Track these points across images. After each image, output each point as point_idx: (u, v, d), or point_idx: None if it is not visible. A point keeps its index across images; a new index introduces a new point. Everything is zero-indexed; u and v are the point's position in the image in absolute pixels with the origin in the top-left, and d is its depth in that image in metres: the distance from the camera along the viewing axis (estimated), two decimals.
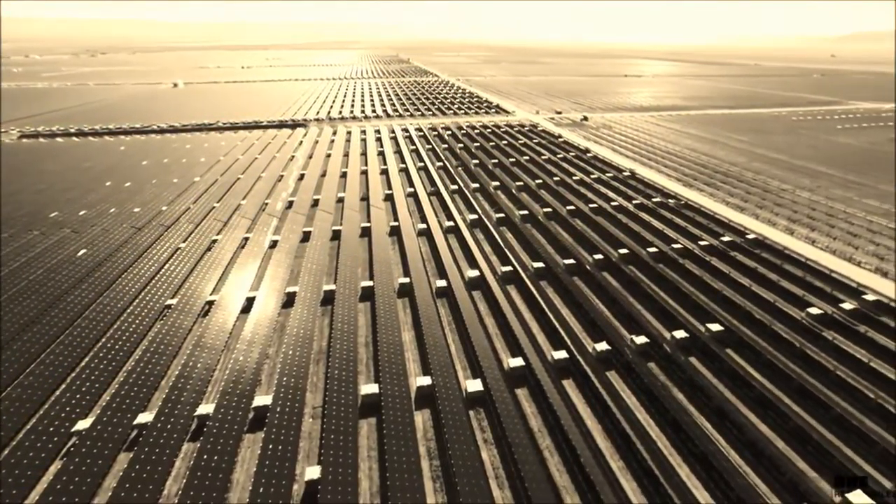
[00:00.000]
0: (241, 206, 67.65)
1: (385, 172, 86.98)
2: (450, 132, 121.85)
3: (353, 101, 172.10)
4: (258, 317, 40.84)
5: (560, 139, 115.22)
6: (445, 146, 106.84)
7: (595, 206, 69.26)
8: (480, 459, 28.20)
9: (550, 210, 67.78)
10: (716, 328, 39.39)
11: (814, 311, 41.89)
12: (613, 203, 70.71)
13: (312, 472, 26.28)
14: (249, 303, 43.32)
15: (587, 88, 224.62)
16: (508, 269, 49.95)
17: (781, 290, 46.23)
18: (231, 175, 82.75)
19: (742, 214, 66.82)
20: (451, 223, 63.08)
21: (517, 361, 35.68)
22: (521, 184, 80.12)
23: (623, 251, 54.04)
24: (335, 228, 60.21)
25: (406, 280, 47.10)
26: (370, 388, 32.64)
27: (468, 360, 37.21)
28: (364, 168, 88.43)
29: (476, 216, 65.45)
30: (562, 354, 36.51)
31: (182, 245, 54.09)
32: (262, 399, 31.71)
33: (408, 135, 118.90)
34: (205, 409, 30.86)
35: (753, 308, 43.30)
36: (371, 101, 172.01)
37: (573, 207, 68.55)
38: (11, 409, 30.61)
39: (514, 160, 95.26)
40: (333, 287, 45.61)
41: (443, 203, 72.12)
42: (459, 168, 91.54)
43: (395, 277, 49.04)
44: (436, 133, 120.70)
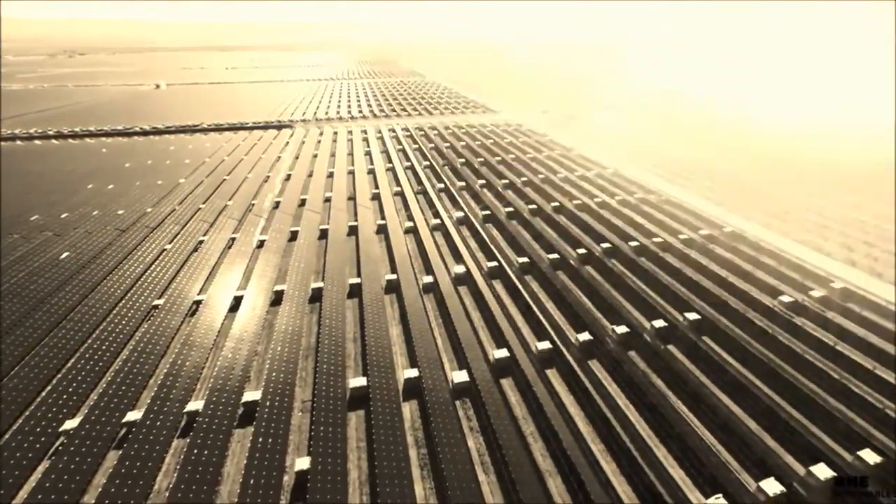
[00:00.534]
0: (228, 207, 67.49)
1: (372, 172, 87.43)
2: (436, 131, 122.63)
3: (340, 102, 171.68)
4: (247, 315, 41.16)
5: (546, 138, 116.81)
6: (432, 145, 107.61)
7: (579, 203, 70.77)
8: (466, 446, 29.10)
9: (535, 207, 69.08)
10: (693, 317, 40.97)
11: (785, 300, 43.81)
12: (597, 199, 72.30)
13: (302, 463, 26.91)
14: (237, 301, 43.58)
15: (567, 88, 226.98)
16: (494, 265, 50.95)
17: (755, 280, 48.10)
18: (216, 176, 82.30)
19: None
20: (438, 221, 63.93)
21: (502, 353, 36.67)
22: (507, 182, 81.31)
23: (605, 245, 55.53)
24: (322, 227, 60.59)
25: (393, 277, 47.79)
26: (358, 382, 33.32)
27: (454, 353, 38.10)
28: (351, 168, 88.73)
29: (462, 213, 66.40)
30: (545, 345, 37.59)
31: (168, 246, 53.91)
32: (252, 394, 32.18)
33: (394, 135, 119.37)
34: (194, 406, 31.22)
35: (728, 297, 45.02)
36: (357, 102, 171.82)
37: (557, 204, 69.97)
38: None
39: (500, 158, 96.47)
40: (321, 285, 46.08)
41: (429, 201, 72.91)
42: (446, 167, 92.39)
43: (383, 274, 49.68)
44: (422, 132, 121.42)
